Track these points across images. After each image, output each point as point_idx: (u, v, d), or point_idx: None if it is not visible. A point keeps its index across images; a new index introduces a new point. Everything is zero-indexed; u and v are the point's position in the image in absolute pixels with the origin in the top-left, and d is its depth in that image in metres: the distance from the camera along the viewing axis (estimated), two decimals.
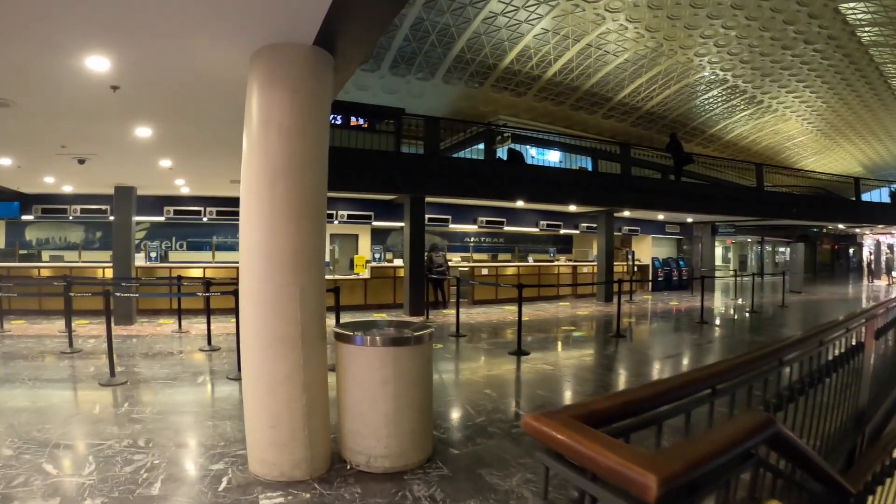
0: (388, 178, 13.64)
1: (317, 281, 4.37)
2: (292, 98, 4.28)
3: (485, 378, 7.72)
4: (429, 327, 4.66)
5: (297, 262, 4.21)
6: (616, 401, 1.87)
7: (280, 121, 4.25)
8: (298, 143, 4.27)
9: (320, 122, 4.46)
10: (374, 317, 13.83)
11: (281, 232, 4.19)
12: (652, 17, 21.30)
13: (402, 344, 4.33)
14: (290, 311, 4.18)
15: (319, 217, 4.43)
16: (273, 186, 4.20)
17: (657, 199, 18.52)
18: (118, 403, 6.28)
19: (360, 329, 4.66)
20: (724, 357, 9.03)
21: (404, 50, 21.89)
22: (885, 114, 30.44)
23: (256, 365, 4.26)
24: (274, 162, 4.22)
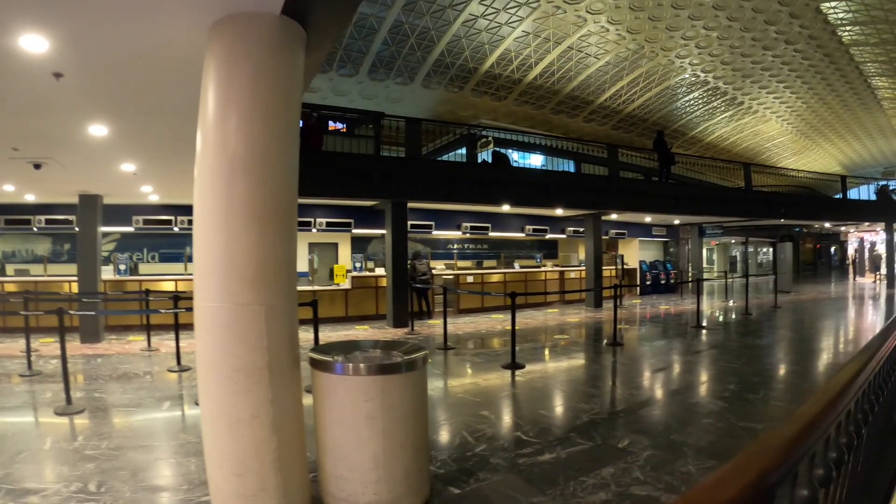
0: (367, 182, 12.86)
1: (286, 298, 3.59)
2: (255, 76, 3.52)
3: (479, 396, 6.98)
4: (422, 349, 3.88)
5: (262, 275, 3.42)
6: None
7: (240, 103, 3.49)
8: (263, 131, 3.51)
9: (289, 107, 3.71)
10: (356, 329, 13.11)
11: (241, 238, 3.41)
12: (633, 19, 20.91)
13: (390, 371, 3.55)
14: (253, 336, 3.39)
15: (289, 220, 3.67)
16: (231, 182, 3.43)
17: (646, 200, 17.93)
18: (72, 436, 5.51)
19: (341, 352, 3.91)
20: (730, 364, 8.40)
21: (383, 54, 21.37)
22: (864, 113, 30.37)
23: (216, 402, 3.48)
24: (233, 153, 3.45)
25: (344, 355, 3.87)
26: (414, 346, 4.02)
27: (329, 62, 21.16)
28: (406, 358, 3.69)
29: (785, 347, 10.73)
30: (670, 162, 18.36)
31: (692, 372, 8.49)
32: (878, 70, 24.58)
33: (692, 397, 6.93)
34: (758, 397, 6.87)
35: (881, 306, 18.40)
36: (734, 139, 33.01)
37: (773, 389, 7.32)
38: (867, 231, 32.61)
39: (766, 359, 9.61)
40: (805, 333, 12.55)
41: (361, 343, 4.19)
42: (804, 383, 7.70)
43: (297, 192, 3.80)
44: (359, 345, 4.16)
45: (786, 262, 23.08)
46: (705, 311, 14.14)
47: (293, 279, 3.70)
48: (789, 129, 33.23)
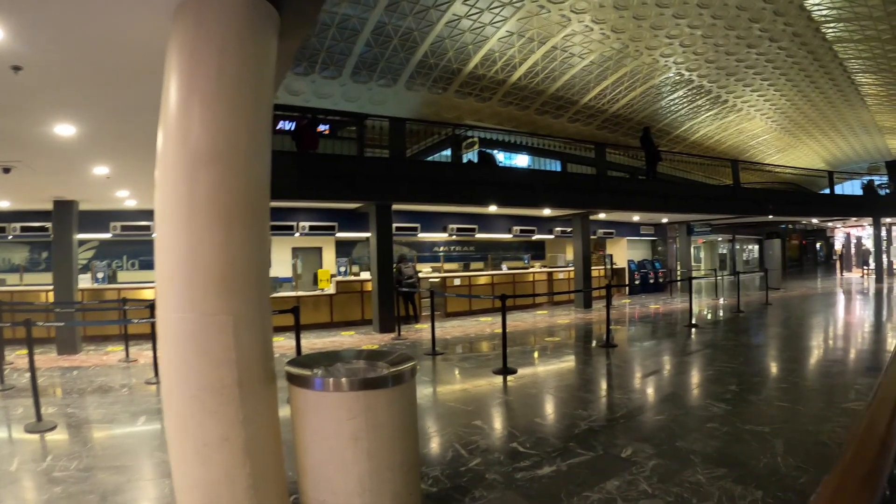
0: (351, 184, 12.48)
1: (258, 306, 3.20)
2: (220, 61, 3.13)
3: (471, 404, 6.62)
4: (409, 360, 3.50)
5: (229, 281, 3.03)
6: None
7: (205, 90, 3.11)
8: (229, 120, 3.13)
9: (259, 95, 3.33)
10: (342, 335, 12.73)
11: (205, 240, 3.03)
12: (618, 18, 20.69)
13: (375, 386, 3.17)
14: (220, 351, 3.01)
15: (260, 220, 3.28)
16: (193, 178, 3.04)
17: (634, 199, 17.67)
18: (41, 456, 5.13)
19: (321, 364, 3.52)
20: (728, 364, 8.09)
21: (366, 56, 21.01)
22: (848, 109, 30.36)
23: (181, 423, 3.09)
24: (196, 145, 3.06)
25: (324, 368, 3.48)
26: (401, 355, 3.63)
27: (311, 64, 20.80)
28: (392, 370, 3.32)
29: (781, 346, 10.47)
30: (657, 159, 18.12)
31: (690, 373, 8.17)
32: (862, 66, 24.52)
33: (693, 400, 6.62)
34: (760, 398, 6.59)
35: (872, 301, 18.31)
36: (718, 137, 32.91)
37: (775, 389, 7.02)
38: (853, 226, 32.62)
39: (764, 358, 9.35)
40: (800, 331, 12.30)
41: (343, 353, 3.79)
42: (805, 382, 7.42)
43: (269, 189, 3.42)
44: (340, 356, 3.76)
45: (774, 259, 22.93)
46: (696, 309, 13.87)
47: (265, 286, 3.32)
48: (773, 127, 33.17)
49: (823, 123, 33.09)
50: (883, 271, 24.84)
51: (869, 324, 13.10)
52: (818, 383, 7.39)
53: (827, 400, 6.49)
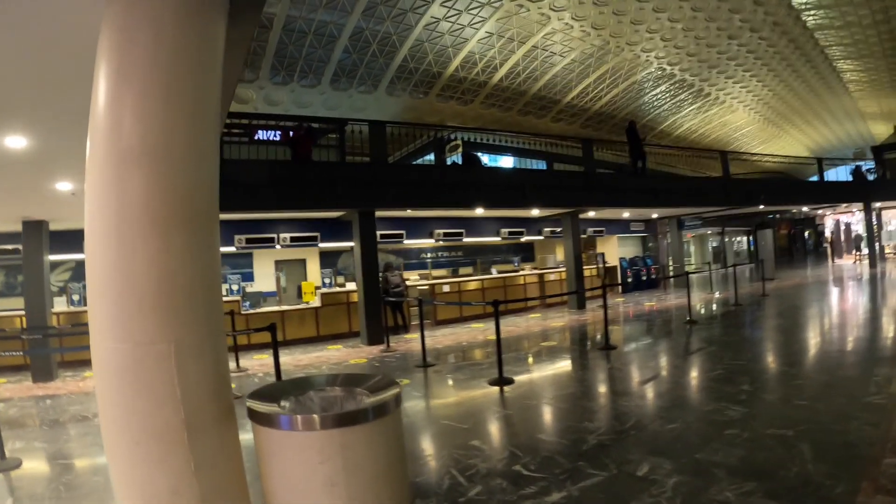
0: (331, 192, 11.92)
1: (205, 331, 2.64)
2: (155, 45, 2.59)
3: (466, 421, 6.07)
4: (393, 385, 2.92)
5: (168, 301, 2.47)
6: None
7: (136, 78, 2.57)
8: (164, 112, 2.57)
9: (201, 84, 2.76)
10: (329, 349, 12.16)
11: (137, 253, 2.47)
12: (597, 14, 20.32)
13: (353, 421, 2.59)
14: (161, 387, 2.45)
15: (205, 228, 2.72)
16: (123, 178, 2.49)
17: (624, 195, 17.19)
18: (1, 498, 4.63)
19: (289, 395, 2.96)
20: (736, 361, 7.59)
21: (345, 62, 20.52)
22: (831, 97, 30.20)
23: (124, 474, 2.54)
24: (127, 140, 2.51)
25: (294, 399, 2.91)
26: (383, 380, 3.04)
27: (290, 73, 20.29)
28: (373, 400, 2.75)
29: (787, 339, 10.01)
30: (642, 155, 17.68)
31: (697, 374, 7.66)
32: (844, 53, 24.27)
33: (705, 403, 6.11)
34: (777, 398, 6.12)
35: (870, 286, 17.98)
36: (702, 131, 32.59)
37: (791, 387, 6.52)
38: (843, 213, 32.37)
39: (772, 353, 8.89)
40: (803, 321, 11.88)
41: (316, 380, 3.20)
42: (820, 377, 6.96)
43: (216, 192, 2.87)
44: (312, 382, 3.17)
45: (767, 249, 22.57)
46: (693, 304, 13.41)
47: (215, 305, 2.75)
48: (757, 118, 32.95)
49: (806, 112, 32.91)
50: (876, 256, 24.58)
51: (872, 310, 12.71)
52: (834, 377, 6.92)
53: (847, 395, 6.04)
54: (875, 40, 22.39)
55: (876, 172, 27.43)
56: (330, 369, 9.91)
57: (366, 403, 2.74)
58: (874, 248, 24.87)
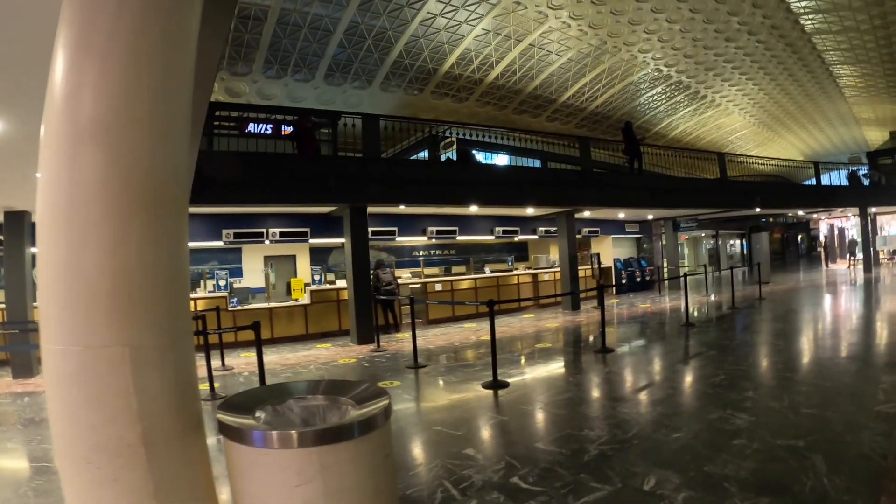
0: (322, 186, 11.55)
1: (167, 333, 2.27)
2: (119, 9, 2.24)
3: (460, 427, 5.74)
4: (382, 395, 2.55)
5: (124, 300, 2.11)
6: None
7: (97, 45, 2.22)
8: (122, 82, 2.22)
9: (170, 58, 2.40)
10: (317, 348, 11.80)
11: (89, 244, 2.12)
12: (595, 13, 20.09)
13: (336, 438, 2.22)
14: (114, 397, 2.10)
15: (170, 216, 2.34)
16: (77, 158, 2.14)
17: (622, 194, 16.87)
18: None
19: (266, 404, 2.60)
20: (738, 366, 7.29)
21: (339, 57, 20.26)
22: (826, 101, 30.12)
23: (74, 495, 2.19)
24: (85, 115, 2.15)
25: (272, 407, 2.56)
26: (371, 389, 2.67)
27: (284, 67, 20.02)
28: (359, 413, 2.39)
29: (788, 343, 9.70)
30: (638, 154, 17.39)
31: (699, 379, 7.34)
32: (841, 58, 24.13)
33: (710, 410, 5.79)
34: (784, 405, 5.80)
35: (866, 291, 17.81)
36: (697, 133, 32.45)
37: (797, 393, 6.22)
38: (838, 217, 32.22)
39: (774, 357, 8.57)
40: (802, 326, 11.61)
41: (296, 387, 2.82)
42: (825, 383, 6.66)
43: (187, 177, 2.52)
44: (292, 389, 2.79)
45: (763, 253, 22.33)
46: (690, 307, 13.13)
47: (181, 305, 2.39)
48: (752, 122, 32.86)
49: (801, 116, 32.83)
50: (871, 261, 24.45)
51: (871, 315, 12.49)
52: (840, 384, 6.65)
53: (856, 403, 5.80)
54: (872, 46, 22.26)
55: (873, 178, 27.34)
56: (318, 369, 9.56)
57: (351, 417, 2.38)
58: (870, 253, 24.73)
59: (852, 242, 29.46)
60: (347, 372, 9.21)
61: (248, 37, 18.08)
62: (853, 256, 28.74)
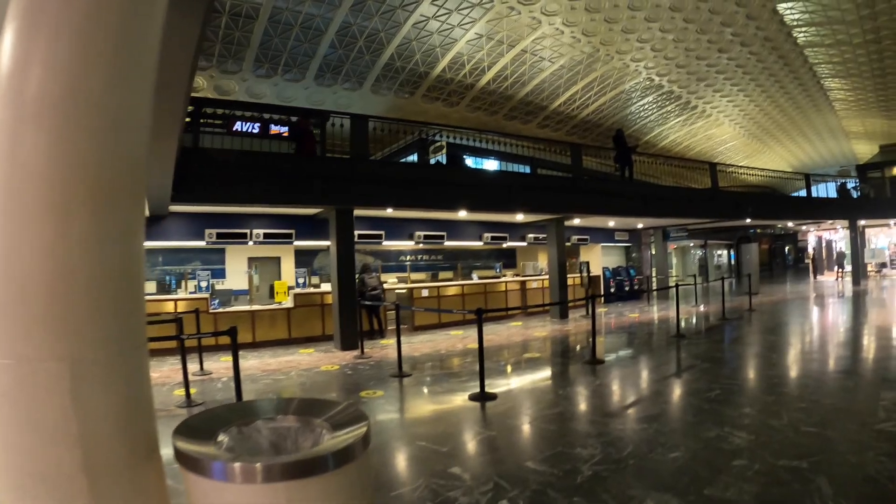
0: (308, 187, 11.23)
1: (117, 347, 1.96)
2: None
3: (445, 443, 5.44)
4: (361, 420, 2.22)
5: (64, 305, 1.80)
6: None
7: (50, 15, 1.91)
8: (79, 59, 1.91)
9: (131, 35, 2.10)
10: (300, 353, 11.47)
11: (25, 241, 1.79)
12: (589, 21, 19.91)
13: (306, 472, 1.87)
14: (51, 417, 1.79)
15: (122, 210, 2.03)
16: (18, 141, 1.83)
17: (613, 202, 16.65)
18: None
19: (231, 426, 2.28)
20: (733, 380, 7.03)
21: (330, 57, 19.97)
22: (816, 114, 30.14)
23: None
24: (33, 89, 1.85)
25: (237, 429, 2.24)
26: (349, 412, 2.33)
27: (274, 66, 19.71)
28: (334, 442, 2.07)
29: (782, 357, 9.50)
30: (629, 161, 17.20)
31: (693, 393, 7.06)
32: (832, 71, 24.11)
33: (707, 428, 5.54)
34: (783, 423, 5.57)
35: (856, 304, 17.74)
36: (687, 143, 32.38)
37: (796, 410, 5.99)
38: (826, 229, 32.22)
39: (769, 371, 8.33)
40: (795, 339, 11.41)
41: (265, 405, 2.49)
42: (824, 400, 6.44)
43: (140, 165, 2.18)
44: (261, 409, 2.46)
45: (752, 264, 22.24)
46: (680, 318, 12.92)
47: (133, 313, 2.07)
48: (741, 133, 32.85)
49: (791, 128, 32.86)
50: (859, 273, 24.44)
51: (863, 328, 12.31)
52: (838, 400, 6.46)
53: (857, 421, 5.57)
54: (864, 60, 22.24)
55: (862, 191, 27.38)
56: (299, 376, 9.22)
57: (324, 447, 2.06)
58: (858, 266, 24.70)
59: (840, 255, 29.46)
60: (329, 379, 8.88)
61: (239, 34, 17.76)
62: (841, 269, 28.75)
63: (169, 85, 4.68)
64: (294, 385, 8.55)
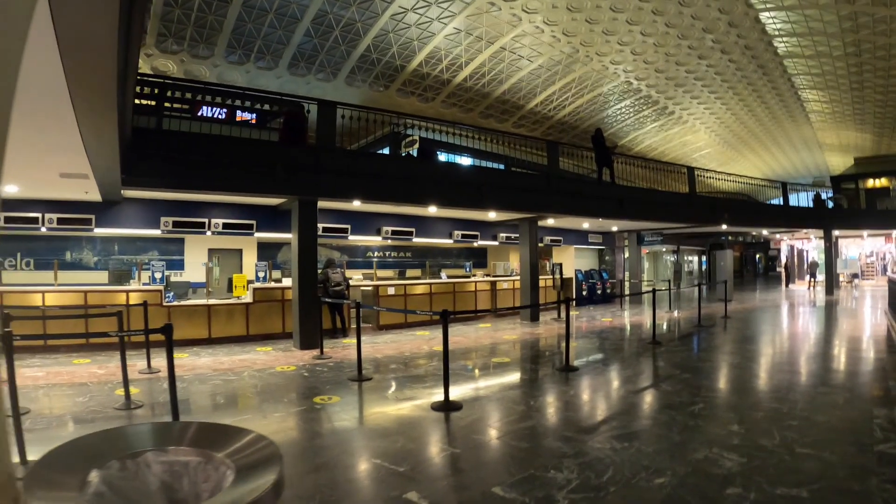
0: (269, 175, 10.46)
1: None
2: None
3: (404, 461, 4.78)
4: (273, 459, 1.58)
5: None
6: None
7: None
8: None
9: None
10: (257, 351, 10.73)
11: None
12: (570, 20, 19.39)
13: None
14: None
15: None
16: None
17: (589, 203, 16.12)
18: None
19: (106, 459, 1.56)
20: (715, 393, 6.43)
21: (304, 47, 19.24)
22: (791, 125, 30.04)
23: None
24: None
25: (119, 463, 1.57)
26: (259, 446, 1.65)
27: (246, 53, 18.91)
28: (239, 492, 1.42)
29: (765, 368, 9.01)
30: (608, 162, 16.65)
31: (675, 407, 6.47)
32: (810, 83, 23.91)
33: (694, 448, 4.97)
34: (776, 443, 5.05)
35: (831, 312, 17.56)
36: (662, 149, 32.11)
37: (788, 428, 5.47)
38: (800, 238, 32.09)
39: (753, 383, 7.85)
40: (773, 349, 10.96)
41: (152, 432, 1.78)
42: (816, 416, 5.95)
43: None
44: (148, 436, 1.75)
45: (727, 270, 21.90)
46: (656, 324, 12.41)
47: None
48: (716, 140, 32.69)
49: (766, 138, 32.79)
50: (833, 283, 24.30)
51: (843, 340, 11.89)
52: (830, 418, 5.95)
53: (853, 442, 5.12)
54: (843, 73, 22.07)
55: (838, 201, 27.34)
56: (251, 377, 8.47)
57: (229, 499, 1.38)
58: (832, 276, 24.54)
59: (813, 264, 29.32)
60: (283, 382, 8.14)
61: (212, 18, 16.94)
62: (813, 278, 28.59)
63: (94, 67, 4.30)
64: (245, 387, 7.82)
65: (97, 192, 10.79)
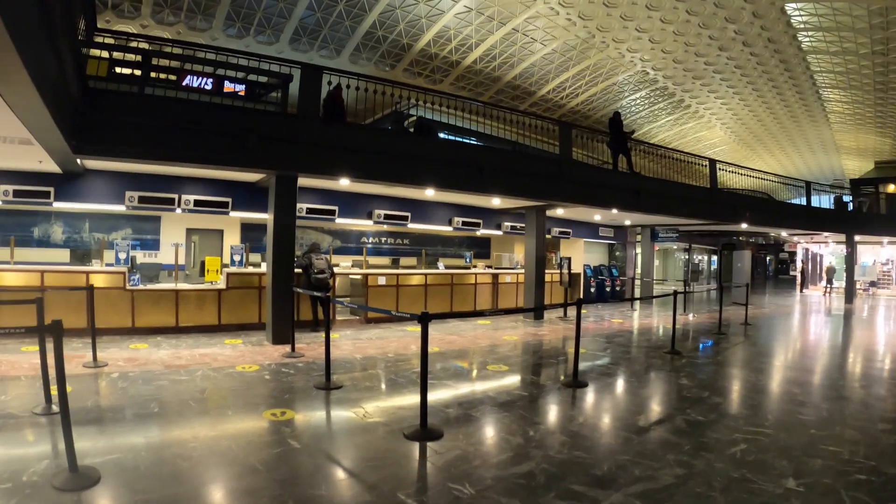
0: (240, 145, 8.90)
1: None
2: None
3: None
4: None
5: None
6: None
7: None
8: None
9: None
10: (226, 343, 9.27)
11: None
12: (587, 2, 17.92)
13: None
14: None
15: None
16: None
17: (603, 192, 14.46)
18: None
19: None
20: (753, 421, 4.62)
21: (307, 21, 17.93)
22: (810, 125, 28.36)
23: None
24: None
25: None
26: None
27: (246, 27, 17.57)
28: None
29: (811, 393, 7.12)
30: (625, 148, 14.99)
31: (712, 449, 4.87)
32: (832, 81, 22.26)
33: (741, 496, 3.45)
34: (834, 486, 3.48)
35: (858, 322, 16.01)
36: (676, 144, 30.44)
37: (858, 486, 3.88)
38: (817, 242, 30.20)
39: (798, 413, 6.05)
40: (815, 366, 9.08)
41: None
42: (887, 467, 4.34)
43: None
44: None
45: (744, 272, 20.29)
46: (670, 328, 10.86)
47: None
48: (732, 137, 31.10)
49: (782, 137, 31.14)
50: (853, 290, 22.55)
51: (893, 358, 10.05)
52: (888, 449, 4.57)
53: None
54: (868, 72, 20.44)
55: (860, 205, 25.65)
56: (204, 378, 6.96)
57: None
58: (853, 282, 22.75)
59: (830, 269, 27.39)
60: (237, 386, 6.61)
61: None
62: (830, 284, 26.65)
63: None
64: (190, 391, 6.29)
65: (52, 162, 9.34)
